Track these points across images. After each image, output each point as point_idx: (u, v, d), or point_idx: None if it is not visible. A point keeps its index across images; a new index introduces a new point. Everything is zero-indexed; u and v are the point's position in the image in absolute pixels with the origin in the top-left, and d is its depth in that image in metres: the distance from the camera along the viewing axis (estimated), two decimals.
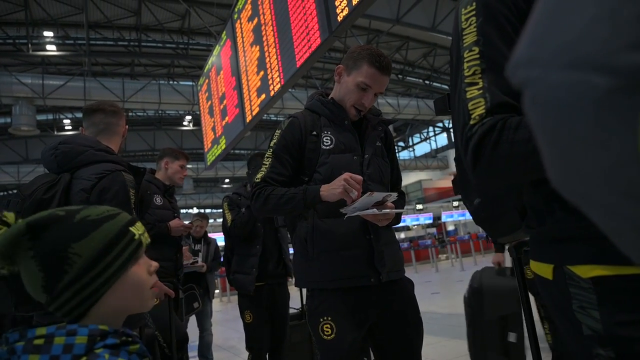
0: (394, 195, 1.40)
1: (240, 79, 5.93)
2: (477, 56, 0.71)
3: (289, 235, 2.36)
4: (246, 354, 5.06)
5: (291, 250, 3.73)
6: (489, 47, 0.70)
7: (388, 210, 1.40)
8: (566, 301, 0.66)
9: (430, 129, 31.75)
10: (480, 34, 0.71)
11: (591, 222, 0.33)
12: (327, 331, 1.44)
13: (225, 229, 2.97)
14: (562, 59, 0.29)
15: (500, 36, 0.70)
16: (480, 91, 0.69)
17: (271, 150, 1.58)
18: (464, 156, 0.70)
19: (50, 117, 20.88)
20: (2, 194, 27.00)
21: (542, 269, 0.71)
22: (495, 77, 0.69)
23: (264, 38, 5.02)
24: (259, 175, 1.56)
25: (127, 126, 2.03)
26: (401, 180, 1.80)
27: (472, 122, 0.68)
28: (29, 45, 14.04)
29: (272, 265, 2.83)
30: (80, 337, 0.69)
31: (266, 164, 1.57)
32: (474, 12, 0.73)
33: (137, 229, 0.82)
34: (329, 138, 1.57)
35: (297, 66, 4.30)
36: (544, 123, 0.31)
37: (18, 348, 0.67)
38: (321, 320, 1.46)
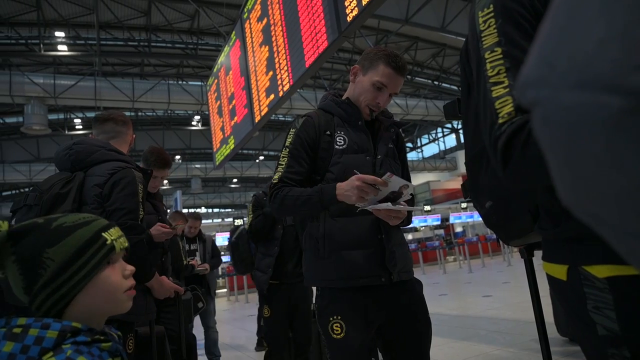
0: (411, 187, 1.39)
1: (249, 79, 5.95)
2: (501, 56, 0.71)
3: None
4: (252, 352, 5.09)
5: None
6: (511, 47, 0.70)
7: (401, 207, 1.39)
8: (580, 302, 0.66)
9: (439, 129, 31.63)
10: (502, 35, 0.71)
11: None
12: (337, 330, 1.44)
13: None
14: (572, 79, 0.28)
15: (521, 36, 0.70)
16: (507, 89, 0.68)
17: (287, 149, 1.58)
18: (492, 156, 0.69)
19: (62, 116, 21.10)
20: (14, 192, 27.36)
21: (556, 270, 0.71)
22: None
23: (273, 38, 5.03)
24: (275, 176, 1.56)
25: (134, 135, 2.18)
26: (411, 182, 1.80)
27: (500, 120, 0.67)
28: (41, 46, 14.23)
29: (291, 265, 2.84)
30: (51, 331, 0.74)
31: (282, 164, 1.56)
32: (492, 14, 0.73)
33: (111, 235, 0.86)
34: (342, 138, 1.58)
35: (306, 66, 4.31)
36: (555, 143, 0.31)
37: (0, 333, 0.72)
38: (331, 319, 1.46)
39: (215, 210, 37.22)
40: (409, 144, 33.18)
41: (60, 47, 15.14)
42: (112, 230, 0.88)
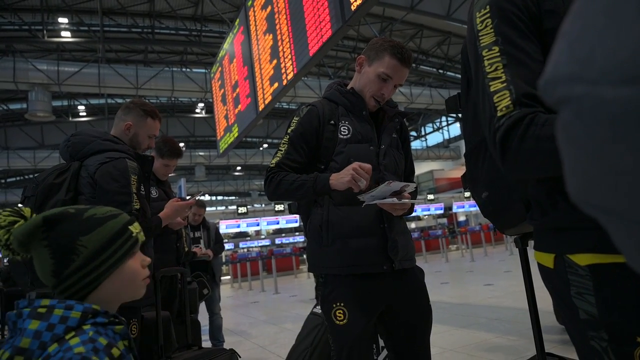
0: (412, 186, 1.43)
1: (253, 67, 5.95)
2: (498, 54, 0.75)
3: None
4: (256, 338, 5.18)
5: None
6: (508, 45, 0.74)
7: (406, 200, 1.43)
8: (565, 288, 0.70)
9: (443, 118, 31.47)
10: (498, 34, 0.76)
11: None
12: (340, 316, 1.48)
13: None
14: (615, 75, 0.29)
15: (517, 34, 0.74)
16: (504, 84, 0.72)
17: (288, 136, 1.61)
18: (492, 147, 0.73)
19: (65, 103, 21.11)
20: (18, 178, 27.52)
21: (544, 259, 0.75)
22: (517, 70, 0.72)
23: (277, 26, 5.02)
24: (273, 160, 1.59)
25: (130, 122, 2.07)
26: (414, 172, 1.82)
27: (499, 113, 0.71)
28: (44, 32, 14.17)
29: None
30: (75, 312, 0.80)
31: (282, 150, 1.59)
32: (488, 15, 0.78)
33: (135, 228, 0.95)
34: (346, 128, 1.60)
35: (310, 55, 4.31)
36: (592, 138, 0.31)
37: (25, 312, 0.79)
38: (334, 305, 1.49)
39: (219, 197, 37.35)
40: (413, 133, 33.05)
41: (63, 33, 15.08)
42: (135, 224, 0.96)
